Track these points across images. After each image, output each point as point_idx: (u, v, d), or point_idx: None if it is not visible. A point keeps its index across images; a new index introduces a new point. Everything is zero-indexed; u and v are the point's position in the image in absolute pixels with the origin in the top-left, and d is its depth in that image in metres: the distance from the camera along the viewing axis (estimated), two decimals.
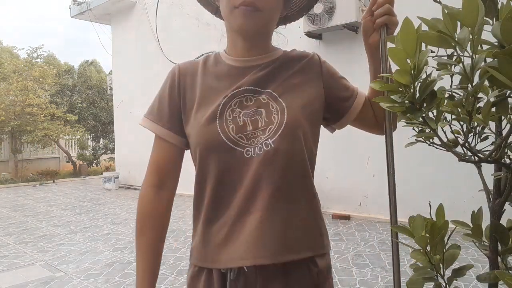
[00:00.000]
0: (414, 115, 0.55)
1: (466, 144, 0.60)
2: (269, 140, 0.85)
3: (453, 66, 0.67)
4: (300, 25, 4.96)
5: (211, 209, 0.88)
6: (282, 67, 0.95)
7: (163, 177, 0.94)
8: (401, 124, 0.72)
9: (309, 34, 4.99)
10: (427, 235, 0.58)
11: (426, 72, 0.60)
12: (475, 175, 0.79)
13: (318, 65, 0.97)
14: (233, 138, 0.85)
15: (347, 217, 4.78)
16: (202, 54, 6.50)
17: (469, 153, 0.67)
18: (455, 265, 0.69)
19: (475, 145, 0.69)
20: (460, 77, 0.62)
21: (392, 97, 0.59)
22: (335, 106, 0.97)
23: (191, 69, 0.95)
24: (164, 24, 7.62)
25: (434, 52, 0.67)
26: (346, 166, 4.82)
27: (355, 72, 4.64)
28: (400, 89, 0.57)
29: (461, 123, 0.67)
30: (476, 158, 0.58)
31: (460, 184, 3.94)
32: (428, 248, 0.65)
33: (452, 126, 0.74)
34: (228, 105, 0.88)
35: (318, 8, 4.66)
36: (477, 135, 0.70)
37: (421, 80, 0.58)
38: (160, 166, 0.94)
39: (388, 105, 0.58)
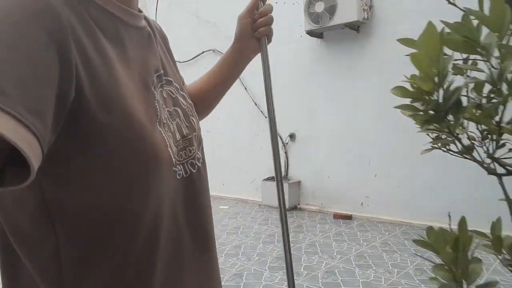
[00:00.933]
0: (440, 125, 0.53)
1: (492, 156, 0.58)
2: (199, 153, 0.64)
3: (470, 71, 0.64)
4: (301, 24, 4.92)
5: (133, 267, 0.52)
6: (160, 41, 0.69)
7: None
8: (416, 129, 0.69)
9: (310, 33, 4.94)
10: (451, 250, 0.56)
11: (448, 79, 0.57)
12: (476, 176, 0.77)
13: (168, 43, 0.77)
14: (173, 152, 0.56)
15: (348, 217, 4.75)
16: (203, 52, 6.33)
17: (490, 164, 0.64)
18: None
19: (492, 152, 0.67)
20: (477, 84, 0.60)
21: (414, 104, 0.56)
22: None
23: (68, 13, 0.45)
24: (164, 21, 7.59)
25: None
26: (347, 165, 4.79)
27: (356, 71, 4.62)
28: (424, 96, 0.54)
29: (479, 128, 0.64)
30: (504, 171, 0.56)
31: (461, 185, 3.92)
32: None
33: (468, 132, 0.71)
34: (158, 99, 0.57)
35: (319, 7, 4.63)
36: (496, 144, 0.68)
37: (444, 88, 0.56)
38: None
39: (410, 113, 0.56)
